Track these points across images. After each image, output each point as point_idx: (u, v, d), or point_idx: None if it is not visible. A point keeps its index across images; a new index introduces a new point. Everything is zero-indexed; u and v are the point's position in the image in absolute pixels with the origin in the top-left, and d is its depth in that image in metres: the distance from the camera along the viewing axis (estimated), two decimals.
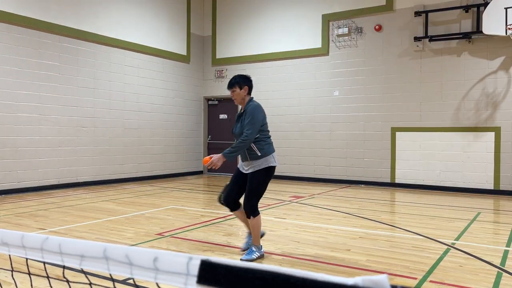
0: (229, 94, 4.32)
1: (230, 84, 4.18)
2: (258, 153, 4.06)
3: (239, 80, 4.17)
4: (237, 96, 4.17)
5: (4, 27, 8.30)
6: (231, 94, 4.20)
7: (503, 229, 5.73)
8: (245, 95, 4.19)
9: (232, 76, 4.25)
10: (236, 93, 4.16)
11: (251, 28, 12.29)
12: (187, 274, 0.73)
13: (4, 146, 8.31)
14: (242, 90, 4.16)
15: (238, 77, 4.20)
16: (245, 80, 4.20)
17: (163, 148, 11.88)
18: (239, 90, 4.16)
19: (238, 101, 4.21)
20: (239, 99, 4.19)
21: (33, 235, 0.98)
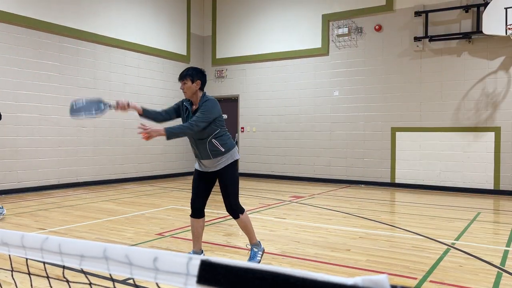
0: (229, 94, 4.26)
1: (182, 76, 3.90)
2: (222, 148, 3.86)
3: (192, 73, 3.89)
4: (187, 90, 3.87)
5: (4, 27, 8.30)
6: (181, 86, 3.91)
7: (503, 229, 5.73)
8: (197, 89, 3.90)
9: (185, 68, 4.00)
10: (187, 86, 3.86)
11: (251, 28, 12.29)
12: (187, 274, 0.73)
13: (4, 146, 8.31)
14: (194, 84, 3.87)
15: (191, 69, 3.94)
16: (198, 74, 3.92)
17: (163, 148, 11.88)
18: (190, 83, 3.86)
19: (188, 94, 3.91)
20: (190, 93, 3.89)
21: (33, 235, 0.98)
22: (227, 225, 5.74)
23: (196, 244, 4.04)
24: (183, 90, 3.91)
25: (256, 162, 12.26)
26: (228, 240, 4.92)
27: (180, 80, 3.94)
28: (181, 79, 3.92)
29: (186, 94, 3.93)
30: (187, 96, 3.95)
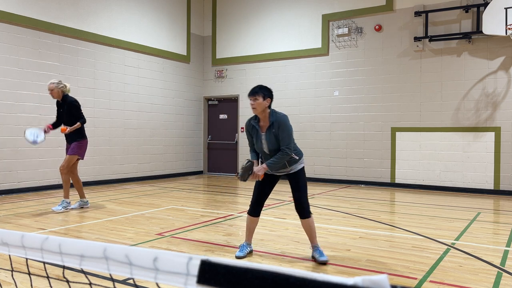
0: (229, 94, 4.31)
1: (254, 91, 4.02)
2: (296, 157, 4.18)
3: (264, 91, 4.03)
4: (258, 106, 3.99)
5: (4, 27, 8.30)
6: (251, 102, 4.01)
7: (503, 229, 5.73)
8: (266, 106, 4.04)
9: (256, 85, 4.13)
10: (258, 103, 3.99)
11: (251, 28, 12.29)
12: (187, 274, 0.73)
13: (4, 146, 8.31)
14: (265, 101, 4.01)
15: (263, 88, 4.06)
16: (269, 92, 4.07)
17: (163, 148, 11.88)
18: (262, 99, 4.00)
19: (258, 111, 4.03)
20: (260, 109, 4.02)
21: (33, 235, 0.98)
22: (227, 225, 5.74)
23: (249, 238, 4.36)
24: (252, 105, 4.03)
25: None
26: (228, 240, 4.92)
27: (251, 96, 4.05)
28: (252, 95, 4.04)
29: (255, 110, 4.06)
30: (257, 112, 4.09)
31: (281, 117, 4.07)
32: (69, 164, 6.55)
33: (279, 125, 4.02)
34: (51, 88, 6.45)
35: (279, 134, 4.02)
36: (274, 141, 4.07)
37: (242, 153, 12.52)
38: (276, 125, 4.02)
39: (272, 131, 4.05)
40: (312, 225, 4.18)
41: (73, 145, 6.55)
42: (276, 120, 4.04)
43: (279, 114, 4.11)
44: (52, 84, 6.46)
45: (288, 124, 4.07)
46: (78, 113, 6.53)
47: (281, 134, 4.01)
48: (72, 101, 6.50)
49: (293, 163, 4.17)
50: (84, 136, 6.68)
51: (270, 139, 4.08)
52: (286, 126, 4.04)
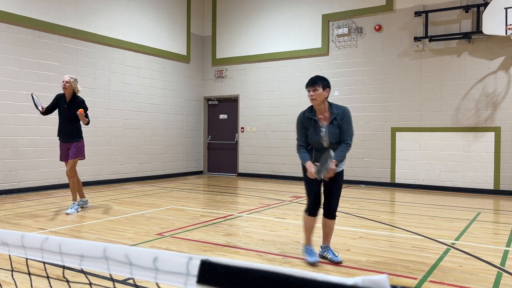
0: (229, 94, 4.28)
1: (313, 81, 3.89)
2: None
3: (324, 81, 3.91)
4: (318, 96, 3.87)
5: (4, 27, 8.30)
6: (310, 93, 3.88)
7: (503, 229, 5.73)
8: (325, 97, 3.93)
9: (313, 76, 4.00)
10: (318, 93, 3.87)
11: (251, 28, 12.29)
12: (187, 274, 0.73)
13: (4, 146, 8.31)
14: (324, 92, 3.89)
15: (322, 78, 3.93)
16: (328, 82, 3.94)
17: (163, 148, 11.88)
18: (321, 90, 3.88)
19: (317, 101, 3.91)
20: (320, 100, 3.90)
21: (33, 235, 0.98)
22: (227, 225, 5.74)
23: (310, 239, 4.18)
24: (312, 96, 3.89)
25: (256, 162, 12.26)
26: (228, 240, 4.92)
27: (310, 86, 3.91)
28: (311, 85, 3.90)
29: (315, 101, 3.93)
30: (316, 104, 3.96)
31: (345, 109, 3.99)
32: (74, 167, 6.53)
33: (343, 117, 3.92)
34: (69, 81, 6.45)
35: (343, 126, 3.91)
36: (336, 134, 3.93)
37: (242, 153, 12.52)
38: (340, 117, 3.92)
39: (334, 123, 3.93)
40: (332, 227, 4.22)
41: (73, 148, 6.48)
42: (341, 112, 3.95)
43: (342, 106, 4.04)
44: (70, 78, 6.49)
45: (349, 116, 3.99)
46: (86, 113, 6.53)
47: (345, 126, 3.91)
48: (83, 101, 6.52)
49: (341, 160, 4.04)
50: (82, 136, 6.69)
51: (332, 131, 3.93)
52: (350, 118, 3.98)
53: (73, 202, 6.54)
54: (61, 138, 6.59)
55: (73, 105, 6.47)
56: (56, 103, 6.61)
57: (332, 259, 4.09)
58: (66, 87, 6.47)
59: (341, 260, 4.08)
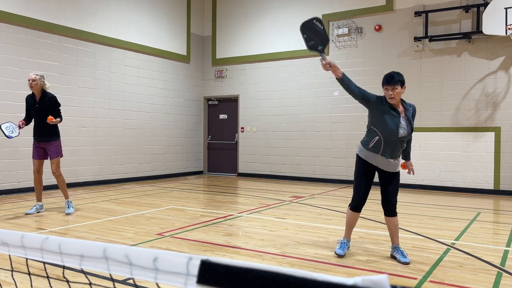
0: (229, 94, 4.27)
1: (393, 80, 3.84)
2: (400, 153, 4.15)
3: (401, 77, 3.87)
4: (397, 95, 3.84)
5: (4, 27, 8.30)
6: (389, 92, 3.84)
7: (503, 229, 5.73)
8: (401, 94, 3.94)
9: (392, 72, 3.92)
10: (397, 92, 3.83)
11: (251, 28, 12.29)
12: (187, 274, 0.73)
13: (4, 146, 8.31)
14: (402, 89, 3.88)
15: (400, 74, 3.88)
16: (404, 79, 3.94)
17: (163, 148, 11.88)
18: (400, 88, 3.85)
19: (396, 100, 3.89)
20: (398, 99, 3.90)
21: (33, 235, 0.98)
22: (227, 225, 5.74)
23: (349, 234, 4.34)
24: (391, 96, 3.86)
25: (256, 162, 12.26)
26: (228, 240, 4.92)
27: (389, 85, 3.87)
28: (392, 84, 3.85)
29: (393, 100, 3.90)
30: (394, 102, 3.93)
31: (413, 105, 4.08)
32: (59, 166, 6.36)
33: (414, 112, 4.00)
34: (34, 78, 6.09)
35: (412, 122, 3.98)
36: (409, 127, 3.98)
37: (242, 153, 12.52)
38: (412, 112, 3.99)
39: (407, 117, 3.97)
40: (397, 224, 4.18)
41: (53, 147, 6.28)
42: (412, 107, 4.02)
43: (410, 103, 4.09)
44: (36, 75, 6.12)
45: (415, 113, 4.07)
46: (58, 110, 6.28)
47: (413, 122, 3.99)
48: (54, 97, 6.26)
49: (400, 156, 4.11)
50: (59, 134, 6.44)
51: (407, 124, 3.97)
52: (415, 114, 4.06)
53: (66, 200, 6.51)
54: (37, 138, 6.27)
55: (44, 103, 6.20)
56: (28, 106, 6.30)
57: (400, 259, 4.06)
58: (32, 86, 6.12)
59: (409, 261, 4.03)
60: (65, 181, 6.56)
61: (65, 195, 6.54)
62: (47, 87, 6.31)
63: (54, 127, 6.35)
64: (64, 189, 6.52)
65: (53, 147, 6.31)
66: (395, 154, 4.04)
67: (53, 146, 6.31)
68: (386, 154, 4.02)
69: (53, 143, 6.31)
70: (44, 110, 6.19)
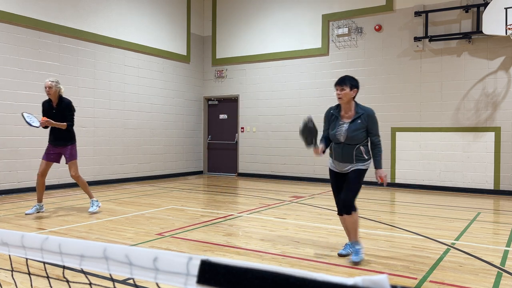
0: (229, 94, 4.30)
1: (341, 81, 4.02)
2: (366, 156, 4.14)
3: (352, 81, 4.03)
4: (344, 96, 4.00)
5: (4, 27, 8.30)
6: (337, 92, 4.01)
7: (503, 229, 5.73)
8: (352, 97, 4.04)
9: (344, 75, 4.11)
10: (345, 93, 3.99)
11: (251, 28, 12.29)
12: (187, 274, 0.73)
13: (4, 146, 8.31)
14: (351, 92, 4.01)
15: (351, 78, 4.06)
16: (357, 83, 4.06)
17: (163, 148, 11.88)
18: (349, 90, 3.99)
19: (343, 101, 4.04)
20: (346, 100, 4.03)
21: (33, 235, 0.98)
22: (227, 225, 5.74)
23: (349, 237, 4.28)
24: (339, 95, 4.01)
25: (256, 162, 12.26)
26: (228, 240, 4.92)
27: (338, 85, 4.03)
28: (340, 84, 4.02)
29: (341, 100, 4.06)
30: (342, 102, 4.08)
31: (370, 111, 4.11)
32: (77, 169, 6.44)
33: (369, 118, 4.05)
34: (50, 85, 6.22)
35: (369, 127, 4.04)
36: (356, 131, 4.05)
37: (242, 153, 12.52)
38: (365, 117, 4.04)
39: (357, 122, 4.05)
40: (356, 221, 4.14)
41: (69, 151, 6.33)
42: (365, 112, 4.06)
43: (366, 107, 4.14)
44: (51, 82, 6.25)
45: (375, 117, 4.11)
46: (71, 116, 6.35)
47: (372, 127, 4.05)
48: (69, 103, 6.35)
49: (361, 160, 4.12)
50: (75, 139, 6.49)
51: (352, 129, 4.05)
52: (376, 119, 4.10)
53: (91, 199, 6.57)
54: (53, 143, 6.34)
55: (60, 108, 6.30)
56: (45, 111, 6.39)
57: (351, 258, 4.08)
58: (50, 93, 6.26)
59: (358, 261, 4.01)
60: (85, 182, 6.61)
61: (89, 195, 6.58)
62: (62, 91, 6.43)
63: (71, 132, 6.41)
64: (87, 190, 6.56)
65: (69, 150, 6.37)
66: (346, 158, 4.14)
67: (68, 150, 6.37)
68: (338, 159, 4.18)
69: (68, 147, 6.37)
70: (60, 115, 6.30)
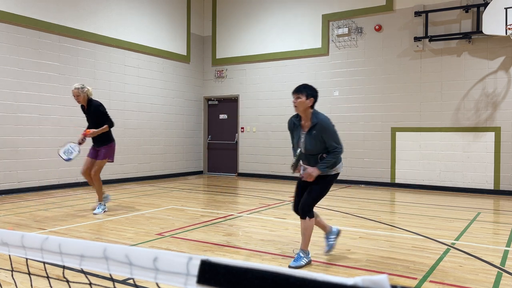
0: (229, 94, 4.30)
1: (298, 90, 3.98)
2: None
3: (309, 90, 3.97)
4: (299, 105, 3.95)
5: (4, 27, 8.30)
6: (294, 100, 3.98)
7: (503, 229, 5.73)
8: (308, 106, 3.97)
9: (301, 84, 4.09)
10: (300, 102, 3.94)
11: (251, 28, 12.29)
12: (187, 274, 0.73)
13: (4, 146, 8.31)
14: (308, 101, 3.94)
15: (308, 87, 4.01)
16: (314, 92, 4.00)
17: (163, 148, 11.88)
18: (305, 99, 3.93)
19: (299, 109, 3.99)
20: (301, 108, 3.97)
21: (33, 235, 0.98)
22: (227, 225, 5.74)
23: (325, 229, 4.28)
24: (294, 103, 3.98)
25: (256, 162, 12.26)
26: (228, 240, 4.92)
27: (294, 94, 4.01)
28: (296, 93, 3.99)
29: (297, 109, 4.02)
30: (298, 111, 4.05)
31: (323, 120, 3.98)
32: (101, 169, 6.53)
33: (321, 128, 3.94)
34: (77, 94, 6.36)
35: (324, 137, 3.94)
36: (313, 142, 3.97)
37: (242, 153, 12.52)
38: (319, 127, 3.95)
39: (313, 133, 3.98)
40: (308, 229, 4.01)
41: (103, 149, 6.49)
42: (318, 122, 3.96)
43: (321, 116, 4.02)
44: (76, 89, 6.36)
45: (330, 126, 3.98)
46: (104, 117, 6.47)
47: (325, 137, 3.94)
48: (97, 105, 6.46)
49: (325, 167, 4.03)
50: (112, 139, 6.64)
51: (309, 140, 4.00)
52: (329, 128, 3.96)
53: (99, 202, 6.57)
54: (93, 144, 6.61)
55: (91, 111, 6.48)
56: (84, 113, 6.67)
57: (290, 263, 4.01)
58: (79, 100, 6.45)
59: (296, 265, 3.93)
60: (101, 185, 6.61)
61: (99, 198, 6.57)
62: (90, 93, 6.55)
63: (107, 132, 6.55)
64: (99, 193, 6.56)
65: (103, 149, 6.51)
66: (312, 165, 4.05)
67: (104, 149, 6.51)
68: (305, 163, 4.10)
69: (105, 147, 6.52)
70: (93, 118, 6.48)
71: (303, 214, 4.02)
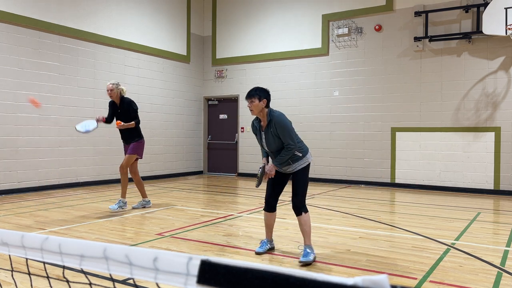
0: (229, 94, 4.36)
1: (249, 94, 4.18)
2: (300, 154, 4.24)
3: (259, 92, 4.17)
4: (254, 108, 4.16)
5: (4, 27, 8.30)
6: (248, 105, 4.20)
7: (503, 229, 5.73)
8: (263, 107, 4.17)
9: (252, 88, 4.26)
10: (254, 105, 4.14)
11: (251, 28, 12.29)
12: (187, 274, 0.73)
13: (4, 146, 8.31)
14: (261, 102, 4.14)
15: (258, 89, 4.21)
16: (264, 93, 4.19)
17: (163, 148, 11.87)
18: (258, 101, 4.14)
19: (255, 112, 4.19)
20: (257, 111, 4.17)
21: (33, 235, 0.98)
22: (227, 225, 5.74)
23: (268, 234, 4.49)
24: (250, 108, 4.18)
25: (257, 162, 12.25)
26: (228, 240, 4.92)
27: (247, 99, 4.21)
28: (248, 98, 4.19)
29: (253, 112, 4.22)
30: (254, 114, 4.26)
31: (276, 117, 4.17)
32: (128, 163, 6.66)
33: (275, 125, 4.13)
34: (111, 88, 6.59)
35: (279, 133, 4.12)
36: (273, 140, 4.18)
37: (242, 153, 12.52)
38: (273, 124, 4.14)
39: (270, 131, 4.17)
40: (307, 223, 4.19)
41: (133, 145, 6.69)
42: (272, 119, 4.16)
43: (275, 113, 4.21)
44: (112, 84, 6.62)
45: (284, 121, 4.16)
46: (135, 114, 6.71)
47: (280, 133, 4.12)
48: (130, 102, 6.72)
49: (296, 160, 4.23)
50: (141, 136, 6.82)
51: (269, 138, 4.20)
52: (283, 124, 4.13)
53: (120, 198, 6.67)
54: (123, 141, 6.82)
55: (123, 108, 6.69)
56: (112, 111, 6.84)
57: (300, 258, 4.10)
58: (112, 95, 6.66)
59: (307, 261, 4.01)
60: (127, 181, 6.73)
61: (122, 194, 6.68)
62: (124, 91, 6.79)
63: (136, 129, 6.74)
64: (124, 188, 6.68)
65: (133, 145, 6.69)
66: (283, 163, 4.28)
67: (133, 144, 6.69)
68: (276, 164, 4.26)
69: (134, 143, 6.70)
70: (125, 115, 6.68)
71: (298, 211, 4.21)
